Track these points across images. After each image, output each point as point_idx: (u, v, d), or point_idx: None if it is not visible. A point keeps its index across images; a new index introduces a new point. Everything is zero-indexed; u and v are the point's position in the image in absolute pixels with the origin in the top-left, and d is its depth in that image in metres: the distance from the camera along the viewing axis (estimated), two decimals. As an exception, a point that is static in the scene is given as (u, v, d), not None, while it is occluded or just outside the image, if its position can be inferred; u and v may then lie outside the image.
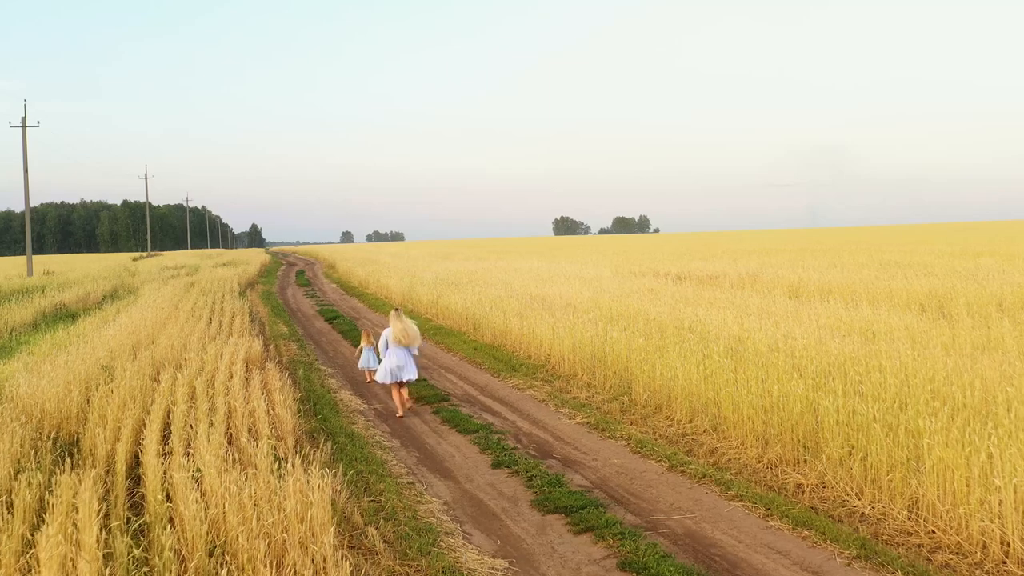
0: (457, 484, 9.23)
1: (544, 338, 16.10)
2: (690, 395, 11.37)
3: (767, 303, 19.17)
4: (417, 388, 14.13)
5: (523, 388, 13.95)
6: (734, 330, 14.63)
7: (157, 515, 6.95)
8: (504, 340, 17.97)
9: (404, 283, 28.66)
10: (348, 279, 42.26)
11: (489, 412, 12.54)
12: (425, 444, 10.93)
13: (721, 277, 28.64)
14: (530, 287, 24.67)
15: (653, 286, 24.69)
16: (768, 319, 16.20)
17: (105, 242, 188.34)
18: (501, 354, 16.93)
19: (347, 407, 12.93)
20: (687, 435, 10.64)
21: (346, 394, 13.95)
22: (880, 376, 10.01)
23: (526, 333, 16.98)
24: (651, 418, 11.57)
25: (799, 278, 26.32)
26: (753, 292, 22.96)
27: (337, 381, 15.18)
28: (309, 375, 15.28)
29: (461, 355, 17.55)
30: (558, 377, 14.51)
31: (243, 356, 14.55)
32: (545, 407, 12.64)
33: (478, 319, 19.78)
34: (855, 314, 16.34)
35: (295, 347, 18.96)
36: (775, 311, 17.62)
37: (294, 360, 17.01)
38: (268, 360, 16.28)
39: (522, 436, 11.12)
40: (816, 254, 45.36)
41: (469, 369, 16.07)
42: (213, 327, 18.41)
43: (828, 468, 8.48)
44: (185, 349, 15.17)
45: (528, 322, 17.32)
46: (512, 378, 14.72)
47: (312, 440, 10.58)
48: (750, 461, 9.39)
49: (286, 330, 22.01)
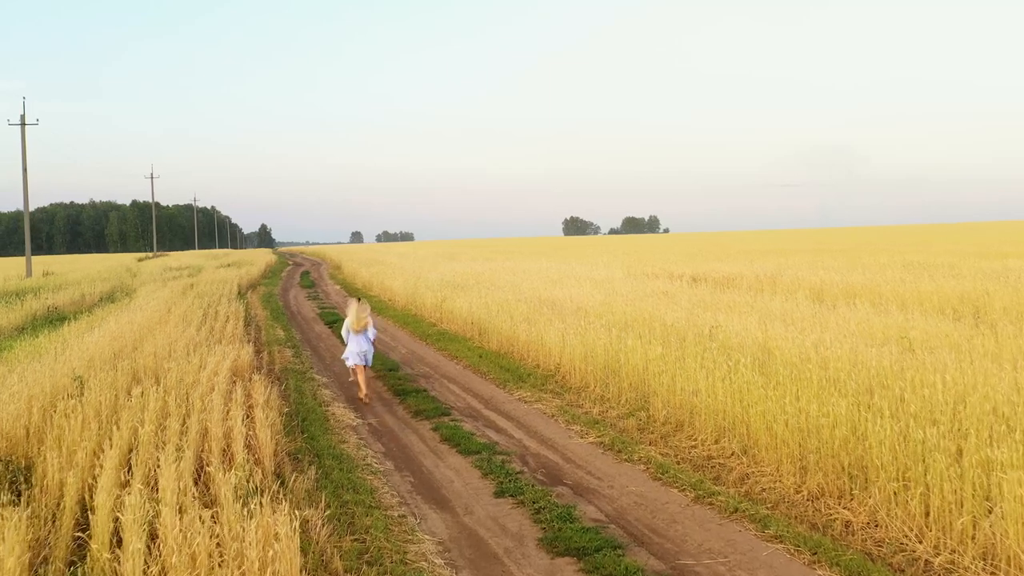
0: (455, 517, 8.15)
1: (553, 346, 15.02)
2: (715, 412, 10.27)
3: (790, 307, 18.06)
4: (415, 401, 13.08)
5: (531, 401, 12.87)
6: (758, 337, 13.55)
7: (99, 568, 5.90)
8: (511, 347, 16.89)
9: (408, 285, 27.61)
10: (352, 280, 41.25)
11: (493, 429, 11.47)
12: (421, 467, 9.86)
13: (738, 279, 27.52)
14: (539, 289, 23.60)
15: (668, 288, 23.58)
16: (794, 325, 15.11)
17: (114, 242, 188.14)
18: (508, 363, 15.85)
19: (339, 422, 11.87)
20: (713, 459, 9.54)
21: (339, 407, 12.90)
22: (928, 392, 8.91)
23: (534, 340, 15.90)
24: (672, 437, 10.47)
25: (820, 280, 25.18)
26: (773, 295, 21.83)
27: (331, 392, 14.13)
28: (301, 386, 14.24)
29: (465, 363, 16.48)
30: (569, 389, 13.43)
31: (229, 366, 13.51)
32: (554, 423, 11.56)
33: (484, 324, 18.72)
34: (886, 320, 15.22)
35: (290, 353, 17.93)
36: (800, 316, 16.52)
37: (287, 368, 15.97)
38: (257, 369, 15.25)
39: (529, 458, 10.04)
40: (833, 254, 44.14)
41: (473, 379, 15.00)
42: (203, 333, 17.38)
43: (880, 503, 7.38)
44: (169, 357, 14.15)
45: (537, 328, 16.25)
46: (519, 390, 13.64)
47: (296, 463, 9.53)
48: (787, 492, 8.29)
49: (283, 335, 20.99)
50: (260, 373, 14.76)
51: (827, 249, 51.62)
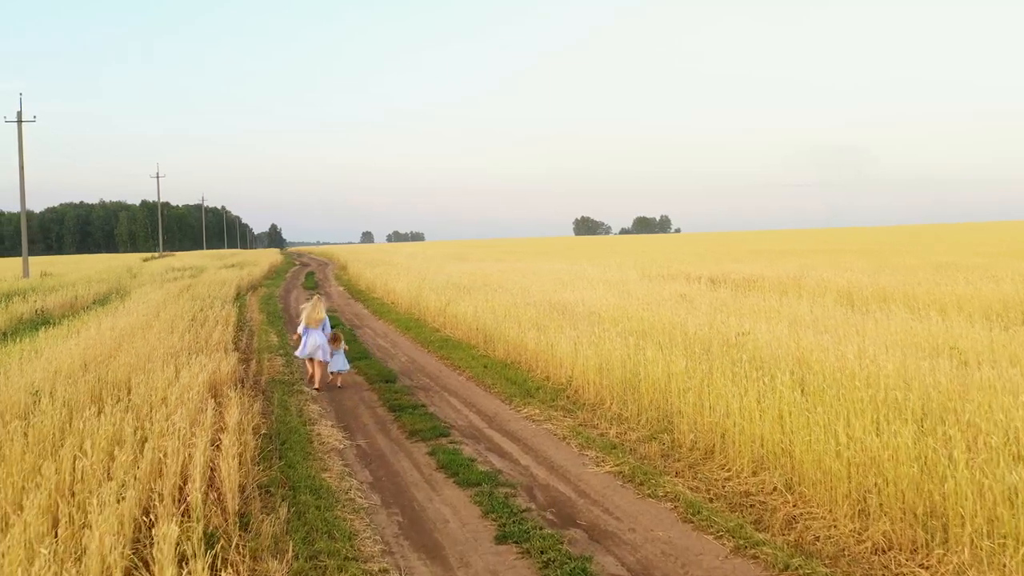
0: (447, 572, 6.82)
1: (565, 356, 13.67)
2: (751, 438, 8.91)
3: (820, 312, 16.68)
4: (411, 419, 11.77)
5: (540, 420, 11.53)
6: (791, 348, 12.20)
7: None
8: (519, 356, 15.56)
9: (412, 287, 26.29)
10: (356, 282, 39.98)
11: (497, 453, 10.14)
12: (413, 502, 8.54)
13: (759, 281, 26.12)
14: (549, 292, 22.27)
15: (686, 291, 22.23)
16: (828, 333, 13.77)
17: (124, 242, 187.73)
18: (515, 374, 14.52)
19: (323, 445, 10.56)
20: (752, 495, 8.18)
21: (326, 425, 11.59)
22: (1005, 419, 7.55)
23: (544, 349, 14.56)
24: (701, 466, 9.12)
25: (848, 282, 23.75)
26: (799, 298, 20.43)
27: (319, 407, 12.82)
28: (287, 400, 12.95)
29: (469, 374, 15.14)
30: (582, 406, 12.08)
31: (207, 379, 12.24)
32: (566, 447, 10.22)
33: (490, 330, 17.38)
34: (926, 327, 13.83)
35: (280, 362, 16.64)
36: (833, 323, 15.16)
37: (274, 380, 14.68)
38: (241, 382, 13.99)
39: (537, 490, 8.71)
40: (855, 255, 42.62)
41: (477, 393, 13.67)
42: (188, 339, 16.10)
43: (969, 563, 6.01)
44: (143, 369, 12.88)
45: (547, 335, 14.91)
46: (527, 406, 12.30)
47: (267, 498, 8.23)
48: (846, 541, 6.91)
49: (276, 341, 19.72)
50: (242, 387, 13.51)
51: (846, 249, 50.07)
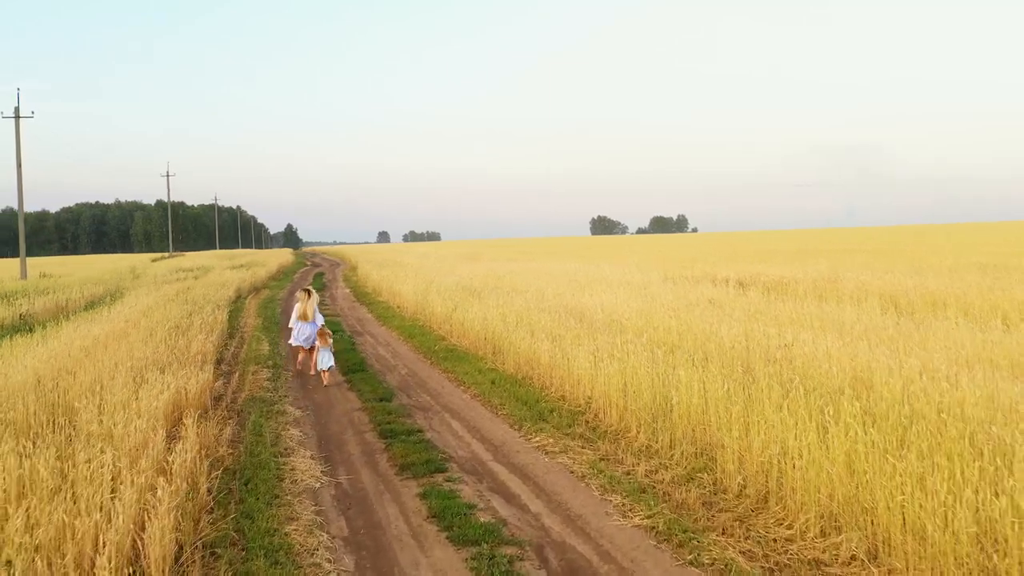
0: None
1: (583, 372, 11.93)
2: (816, 486, 7.15)
3: (869, 320, 14.91)
4: (404, 448, 10.06)
5: (553, 451, 9.78)
6: (845, 364, 10.43)
7: None
8: (531, 371, 13.82)
9: (418, 290, 24.57)
10: (363, 284, 38.32)
11: (502, 496, 8.42)
12: (394, 568, 6.82)
13: (791, 284, 24.25)
14: (565, 296, 20.53)
15: (714, 295, 20.42)
16: (884, 346, 12.00)
17: (139, 242, 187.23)
18: (526, 392, 12.77)
19: (296, 484, 8.86)
20: (825, 566, 6.40)
21: (304, 457, 9.89)
22: None
23: (559, 363, 12.82)
24: (753, 520, 7.36)
25: (888, 285, 21.89)
26: (839, 303, 18.63)
27: (300, 432, 11.12)
28: (263, 424, 11.27)
29: (474, 392, 13.41)
30: (604, 434, 10.32)
31: (169, 399, 10.60)
32: (585, 489, 8.48)
33: (499, 340, 15.65)
34: (996, 338, 12.00)
35: (266, 376, 14.97)
36: (885, 332, 13.38)
37: (254, 398, 13.01)
38: (216, 399, 12.35)
39: (550, 551, 6.98)
40: (886, 254, 40.59)
41: (482, 415, 11.94)
42: (163, 349, 14.46)
43: None
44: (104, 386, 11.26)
45: (562, 347, 13.18)
46: (539, 433, 10.55)
47: (210, 565, 6.55)
48: (966, 646, 5.15)
49: (267, 350, 18.07)
50: (215, 407, 11.88)
51: (873, 248, 47.94)
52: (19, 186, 39.62)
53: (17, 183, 39.53)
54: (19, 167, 39.48)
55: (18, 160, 39.51)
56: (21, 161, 39.25)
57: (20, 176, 39.55)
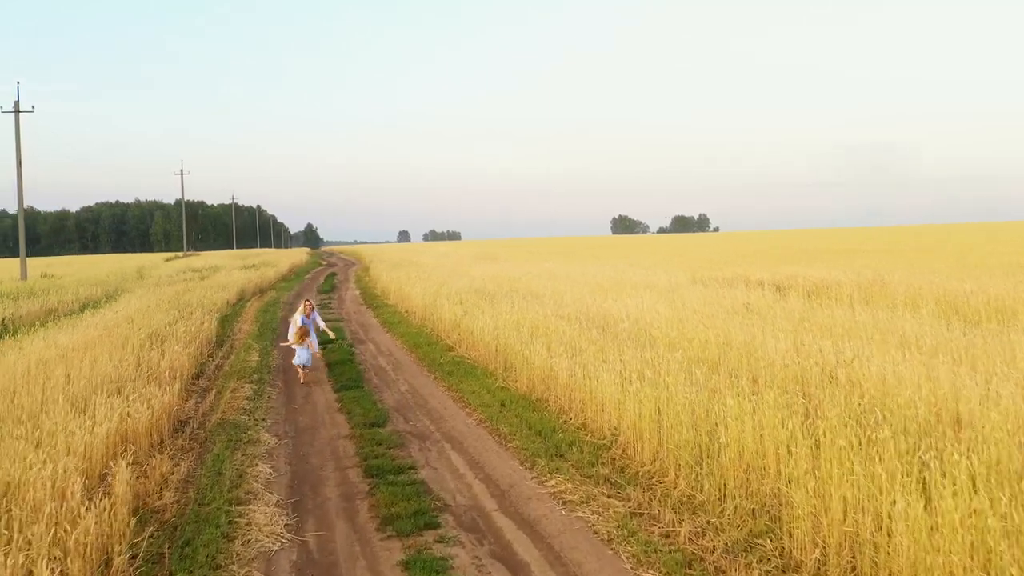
0: None
1: (609, 395, 10.06)
2: (928, 569, 5.28)
3: (934, 331, 12.92)
4: (391, 493, 8.26)
5: (573, 501, 7.92)
6: (925, 390, 8.60)
7: None
8: (547, 391, 11.97)
9: (428, 293, 22.74)
10: (373, 286, 36.56)
11: (507, 566, 6.58)
12: None
13: (832, 286, 22.23)
14: (586, 301, 18.67)
15: (749, 299, 18.47)
16: (966, 365, 10.13)
17: (158, 241, 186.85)
18: (541, 419, 10.91)
19: (247, 546, 7.04)
20: None
21: (267, 504, 8.08)
22: None
23: (580, 383, 10.94)
24: (842, 616, 5.47)
25: (941, 288, 19.86)
26: (893, 310, 16.66)
27: (270, 468, 9.32)
28: (226, 457, 9.48)
29: (481, 415, 11.57)
30: (634, 478, 8.45)
31: (112, 429, 8.88)
32: (613, 559, 6.62)
33: (511, 353, 13.79)
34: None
35: (247, 394, 13.21)
36: (957, 346, 11.46)
37: (225, 422, 11.23)
38: (181, 424, 10.60)
39: (567, 660, 5.13)
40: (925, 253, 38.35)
41: (488, 446, 10.09)
42: (130, 364, 12.75)
43: None
44: (40, 412, 9.57)
45: (583, 361, 11.33)
46: (556, 474, 8.70)
47: None
48: None
49: (255, 361, 16.32)
50: (176, 434, 10.13)
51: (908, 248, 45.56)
52: (19, 183, 38.21)
53: (17, 180, 38.12)
54: (19, 164, 38.13)
55: (18, 157, 38.15)
56: (21, 158, 37.96)
57: (20, 173, 38.21)
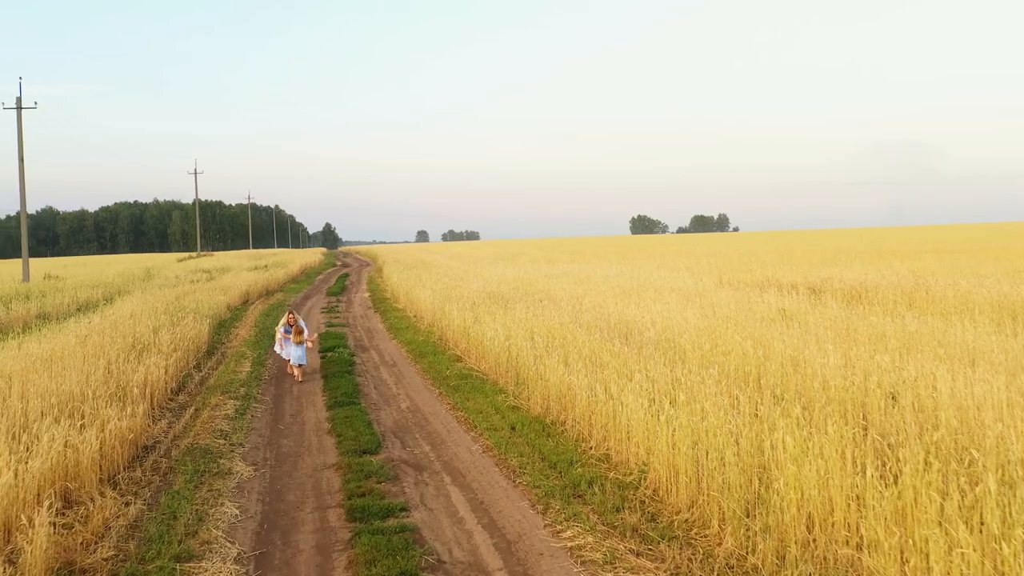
0: None
1: (636, 420, 8.58)
2: None
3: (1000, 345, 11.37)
4: (375, 545, 6.82)
5: (595, 561, 6.44)
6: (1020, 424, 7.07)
7: None
8: (563, 412, 10.50)
9: (437, 296, 21.32)
10: (383, 287, 35.20)
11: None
12: None
13: (871, 290, 20.63)
14: (607, 305, 17.21)
15: (784, 304, 16.93)
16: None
17: (176, 241, 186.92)
18: (557, 447, 9.44)
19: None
20: None
21: (223, 562, 6.65)
22: None
23: (602, 404, 9.46)
24: None
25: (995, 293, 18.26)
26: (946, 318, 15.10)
27: (238, 508, 7.90)
28: (184, 496, 8.08)
29: (487, 442, 10.10)
30: (669, 528, 6.96)
31: (54, 461, 7.52)
32: (648, 649, 5.16)
33: (524, 367, 12.32)
34: None
35: (228, 412, 11.83)
36: None
37: (196, 448, 9.84)
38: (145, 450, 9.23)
39: None
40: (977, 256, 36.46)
41: (494, 482, 8.63)
42: (100, 378, 11.40)
43: None
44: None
45: (604, 377, 9.87)
46: (573, 521, 7.23)
47: None
48: None
49: (245, 373, 14.96)
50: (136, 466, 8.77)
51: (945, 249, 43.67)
52: (21, 181, 36.98)
53: (19, 178, 36.86)
54: (21, 161, 36.85)
55: (20, 154, 36.89)
56: (23, 155, 36.74)
57: (22, 170, 36.95)
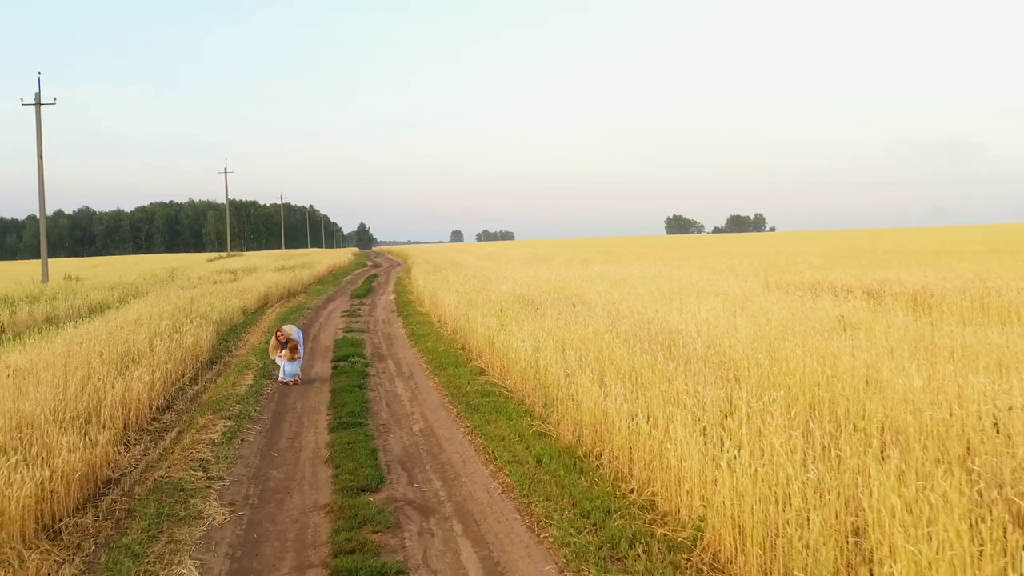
0: None
1: (689, 463, 6.97)
2: None
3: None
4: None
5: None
6: None
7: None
8: (598, 444, 8.90)
9: (462, 301, 19.81)
10: (409, 290, 33.78)
11: None
12: None
13: (936, 295, 18.75)
14: (646, 311, 15.59)
15: (841, 311, 15.14)
16: None
17: (211, 241, 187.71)
18: (591, 489, 7.84)
19: None
20: None
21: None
22: None
23: (645, 437, 7.86)
24: None
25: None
26: None
27: (194, 568, 6.44)
28: (134, 551, 6.62)
29: (507, 479, 8.53)
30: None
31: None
32: None
33: (553, 385, 10.73)
34: None
35: (214, 435, 10.40)
36: None
37: (167, 482, 8.40)
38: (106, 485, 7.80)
39: None
40: None
41: (513, 534, 7.06)
42: (73, 395, 10.04)
43: None
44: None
45: (647, 401, 8.28)
46: (611, 599, 5.66)
47: None
48: None
49: (246, 386, 13.57)
50: (89, 508, 7.33)
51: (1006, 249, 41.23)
52: (40, 178, 35.94)
53: (38, 175, 35.84)
54: (40, 158, 35.90)
55: (39, 151, 35.95)
56: (42, 152, 35.80)
57: (41, 168, 35.91)
